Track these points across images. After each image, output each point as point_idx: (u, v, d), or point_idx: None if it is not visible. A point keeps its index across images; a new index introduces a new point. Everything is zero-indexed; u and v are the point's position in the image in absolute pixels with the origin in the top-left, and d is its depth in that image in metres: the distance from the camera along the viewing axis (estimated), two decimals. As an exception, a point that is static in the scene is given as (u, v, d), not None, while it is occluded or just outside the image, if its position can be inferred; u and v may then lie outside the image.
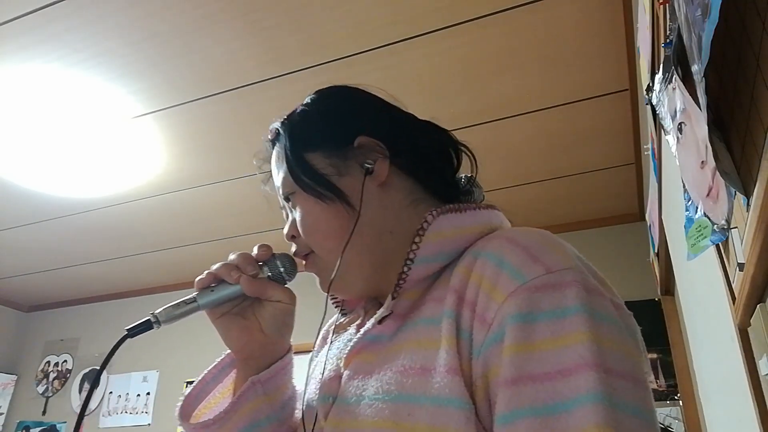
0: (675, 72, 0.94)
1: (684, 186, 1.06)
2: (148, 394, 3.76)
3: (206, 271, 0.65)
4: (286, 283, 0.66)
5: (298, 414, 0.70)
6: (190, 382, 3.75)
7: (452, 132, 0.70)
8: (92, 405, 3.90)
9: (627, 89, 2.08)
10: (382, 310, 0.57)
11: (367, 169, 0.62)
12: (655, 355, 2.67)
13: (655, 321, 2.69)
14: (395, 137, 0.65)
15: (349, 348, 0.59)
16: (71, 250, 3.50)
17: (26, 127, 2.27)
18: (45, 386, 4.14)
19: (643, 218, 2.88)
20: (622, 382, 0.42)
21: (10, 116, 2.20)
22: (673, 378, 2.57)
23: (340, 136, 0.64)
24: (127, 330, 0.61)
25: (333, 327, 0.71)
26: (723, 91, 0.77)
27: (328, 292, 0.64)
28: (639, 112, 2.13)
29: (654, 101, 1.21)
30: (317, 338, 0.75)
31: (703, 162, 0.85)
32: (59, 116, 2.21)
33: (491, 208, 0.63)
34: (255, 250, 0.67)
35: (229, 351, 0.70)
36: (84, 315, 4.29)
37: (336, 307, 0.73)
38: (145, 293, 4.11)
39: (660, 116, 1.19)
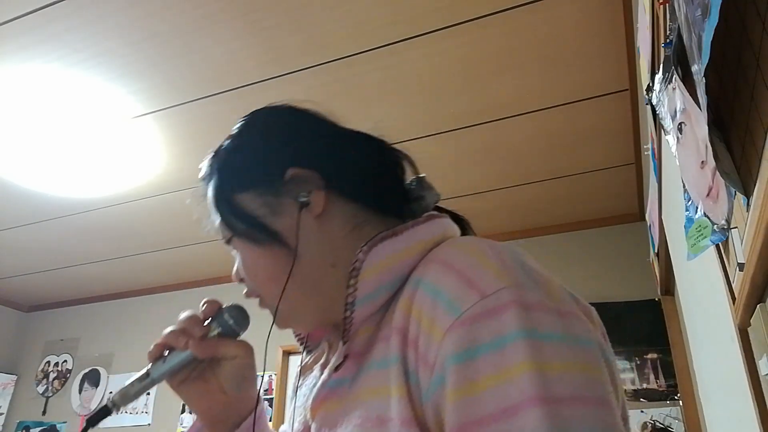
0: (675, 72, 0.94)
1: (684, 186, 1.06)
2: (148, 394, 3.76)
3: (154, 343, 0.62)
4: (238, 336, 0.63)
5: None
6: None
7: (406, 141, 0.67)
8: (92, 405, 3.90)
9: (627, 89, 2.08)
10: (335, 358, 0.55)
11: (302, 203, 0.58)
12: (655, 355, 2.67)
13: (655, 321, 2.69)
14: (328, 161, 0.61)
15: (312, 397, 0.56)
16: (71, 250, 3.50)
17: (26, 127, 2.27)
18: (45, 386, 4.14)
19: (643, 218, 2.88)
20: (575, 407, 0.39)
21: (10, 116, 2.20)
22: (673, 378, 2.57)
23: (270, 172, 0.60)
24: (87, 420, 0.60)
25: (300, 369, 0.67)
26: (723, 91, 0.77)
27: (278, 326, 0.62)
28: (639, 112, 2.13)
29: (654, 101, 1.21)
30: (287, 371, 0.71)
31: (703, 162, 0.85)
32: (59, 116, 2.21)
33: (432, 218, 0.58)
34: (202, 305, 0.63)
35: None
36: (84, 315, 4.29)
37: (300, 344, 0.69)
38: (145, 293, 4.11)
39: (660, 116, 1.19)
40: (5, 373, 4.22)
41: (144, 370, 0.62)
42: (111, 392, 3.87)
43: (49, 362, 4.23)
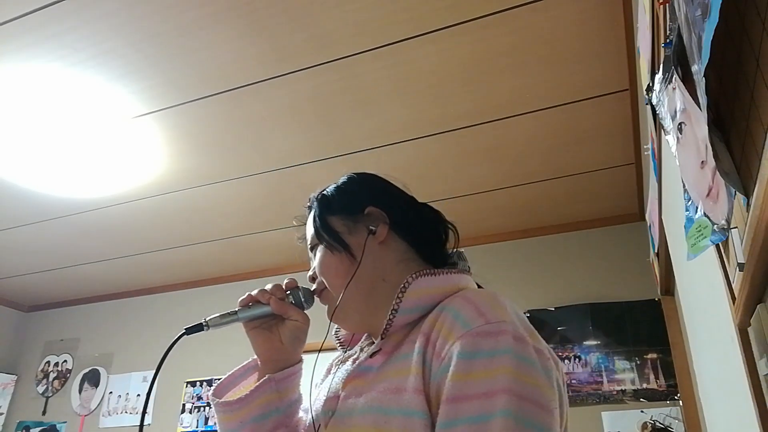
0: (675, 72, 0.94)
1: (684, 186, 1.06)
2: (148, 393, 3.75)
3: (247, 293, 0.85)
4: (304, 309, 0.86)
5: (300, 416, 0.87)
6: (190, 382, 3.76)
7: (439, 207, 0.90)
8: (92, 405, 3.90)
9: (627, 89, 2.08)
10: (373, 347, 0.76)
11: (370, 231, 0.83)
12: (655, 355, 2.67)
13: (655, 321, 2.69)
14: (396, 211, 0.86)
15: (346, 375, 0.78)
16: (71, 250, 3.50)
17: (26, 127, 2.27)
18: (45, 386, 4.14)
19: (643, 218, 2.88)
20: (531, 406, 0.59)
21: (10, 116, 2.20)
22: (673, 378, 2.57)
23: (354, 206, 0.86)
24: (186, 329, 0.81)
25: (335, 361, 0.90)
26: (723, 91, 0.77)
27: (330, 320, 0.84)
28: (639, 112, 2.13)
29: (654, 101, 1.21)
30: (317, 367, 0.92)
31: (703, 162, 0.85)
32: (59, 116, 2.21)
33: (462, 272, 0.81)
34: (285, 281, 0.87)
35: (254, 357, 0.89)
36: (84, 315, 4.29)
37: (340, 346, 0.92)
38: (145, 293, 4.11)
39: (660, 116, 1.19)
40: (5, 373, 4.22)
41: (234, 309, 0.84)
42: (111, 392, 3.88)
43: (49, 362, 4.23)
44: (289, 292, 0.86)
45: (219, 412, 0.84)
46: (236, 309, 0.85)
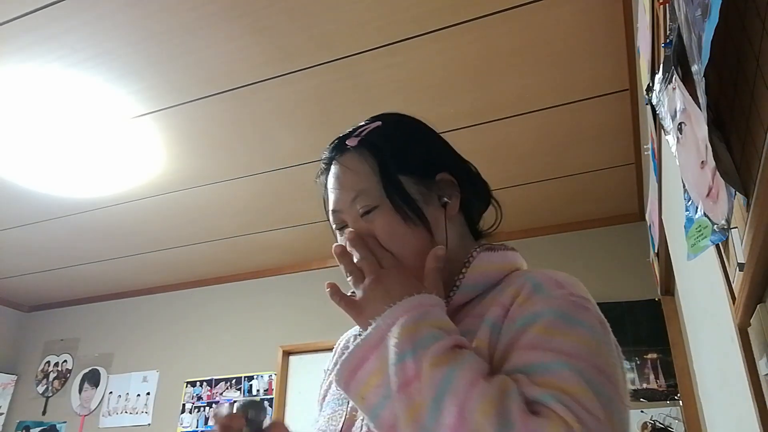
0: (675, 72, 0.94)
1: (684, 186, 1.06)
2: (148, 394, 3.76)
3: None
4: (263, 423, 0.69)
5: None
6: (190, 382, 3.75)
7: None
8: (92, 405, 3.90)
9: (627, 89, 2.08)
10: None
11: (445, 203, 0.70)
12: (655, 355, 2.67)
13: (655, 321, 2.69)
14: (463, 179, 0.73)
15: None
16: (71, 250, 3.50)
17: (26, 127, 2.27)
18: (45, 386, 4.14)
19: (643, 218, 2.88)
20: (601, 376, 0.54)
21: (10, 116, 2.20)
22: (673, 378, 2.57)
23: (428, 168, 0.71)
24: None
25: (352, 338, 0.78)
26: (723, 91, 0.77)
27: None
28: (639, 112, 2.13)
29: (654, 101, 1.21)
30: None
31: (703, 162, 0.85)
32: (59, 116, 2.21)
33: (514, 250, 0.74)
34: (232, 408, 0.70)
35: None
36: (84, 315, 4.29)
37: None
38: (145, 293, 4.11)
39: (660, 116, 1.19)
40: (5, 373, 4.22)
41: None
42: (111, 392, 3.88)
43: (49, 362, 4.23)
44: (245, 417, 0.67)
45: None
46: None
